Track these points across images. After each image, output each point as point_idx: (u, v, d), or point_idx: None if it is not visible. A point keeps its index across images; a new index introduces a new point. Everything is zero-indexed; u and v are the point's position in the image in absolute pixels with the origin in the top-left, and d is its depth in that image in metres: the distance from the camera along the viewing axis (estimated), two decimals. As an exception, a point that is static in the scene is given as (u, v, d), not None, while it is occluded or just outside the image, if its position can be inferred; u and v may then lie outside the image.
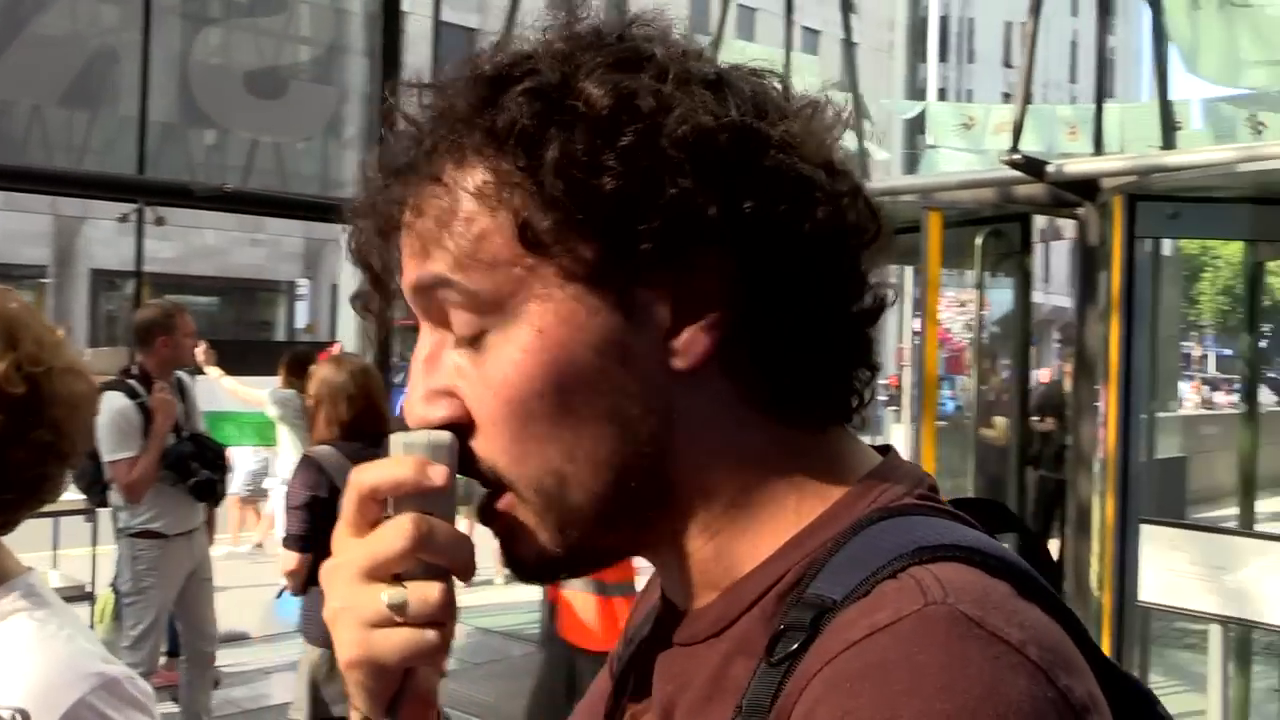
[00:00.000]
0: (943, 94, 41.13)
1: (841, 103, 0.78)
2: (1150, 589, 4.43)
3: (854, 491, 0.74)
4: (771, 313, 0.71)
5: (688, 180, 0.69)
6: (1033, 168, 5.25)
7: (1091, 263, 5.32)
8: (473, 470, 0.74)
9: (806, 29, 27.69)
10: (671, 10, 0.78)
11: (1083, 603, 4.88)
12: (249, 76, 8.52)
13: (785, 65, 4.32)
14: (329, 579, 0.74)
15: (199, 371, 6.90)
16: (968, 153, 12.94)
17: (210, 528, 5.79)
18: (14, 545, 1.40)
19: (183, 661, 5.63)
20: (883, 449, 0.79)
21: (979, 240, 5.70)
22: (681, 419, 0.73)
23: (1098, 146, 6.55)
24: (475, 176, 0.71)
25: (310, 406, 4.33)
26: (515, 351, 0.71)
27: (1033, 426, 8.42)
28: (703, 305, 0.71)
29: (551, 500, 0.73)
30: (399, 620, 0.71)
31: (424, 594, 0.71)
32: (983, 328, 7.18)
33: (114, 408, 4.96)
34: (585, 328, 0.71)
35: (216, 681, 5.93)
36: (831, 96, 0.78)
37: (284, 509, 4.74)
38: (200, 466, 5.26)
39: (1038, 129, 10.66)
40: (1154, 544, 3.98)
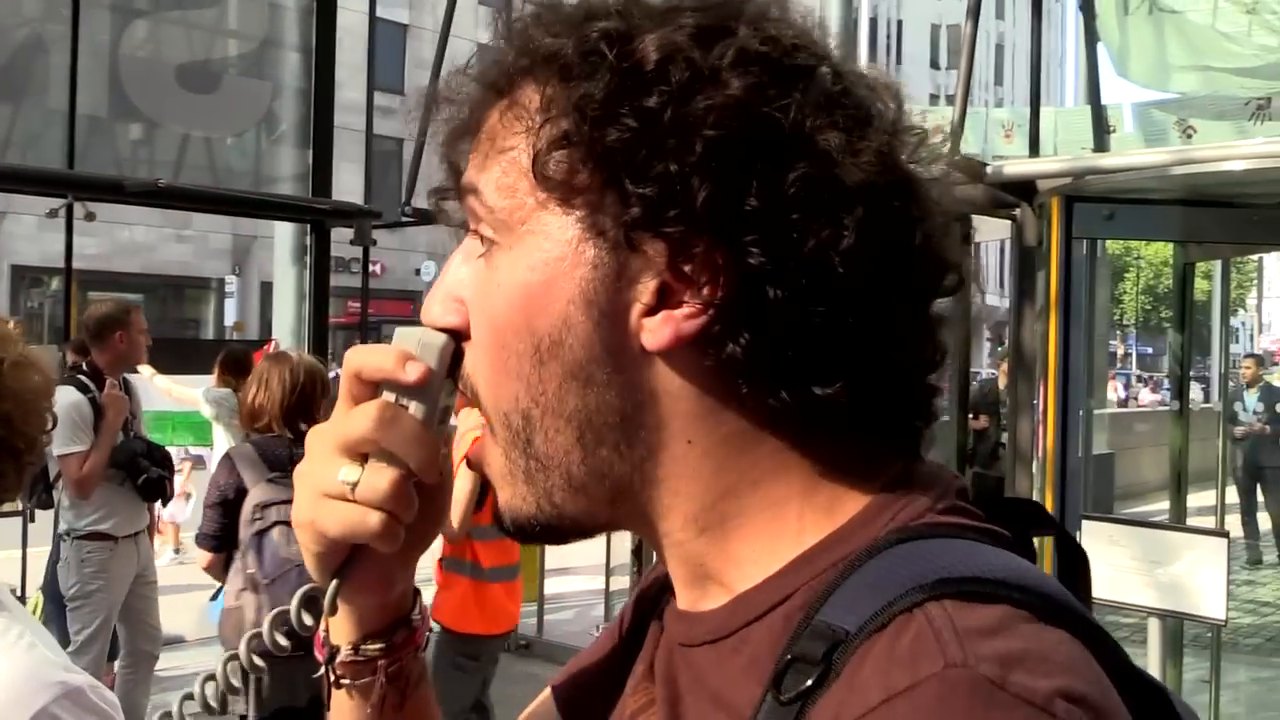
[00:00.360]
0: (873, 95, 41.44)
1: (941, 144, 0.76)
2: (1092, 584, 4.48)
3: (872, 505, 0.71)
4: (766, 316, 0.68)
5: (690, 159, 0.67)
6: (971, 169, 5.32)
7: (1028, 263, 5.40)
8: (461, 381, 0.77)
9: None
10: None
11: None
12: (180, 70, 8.35)
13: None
14: (311, 440, 0.78)
15: (131, 370, 6.77)
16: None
17: (151, 530, 5.70)
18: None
19: (121, 664, 5.52)
20: (912, 449, 0.75)
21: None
22: (654, 399, 0.71)
23: (1034, 149, 6.64)
24: (525, 99, 0.73)
25: (249, 401, 4.31)
26: (509, 280, 0.73)
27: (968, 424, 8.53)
28: (689, 292, 0.69)
29: (516, 438, 0.74)
30: (349, 497, 0.75)
31: (375, 478, 0.75)
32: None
33: (67, 401, 4.84)
34: (569, 277, 0.71)
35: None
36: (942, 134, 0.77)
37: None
38: (150, 464, 5.18)
39: (974, 131, 10.81)
40: (1094, 539, 4.03)
